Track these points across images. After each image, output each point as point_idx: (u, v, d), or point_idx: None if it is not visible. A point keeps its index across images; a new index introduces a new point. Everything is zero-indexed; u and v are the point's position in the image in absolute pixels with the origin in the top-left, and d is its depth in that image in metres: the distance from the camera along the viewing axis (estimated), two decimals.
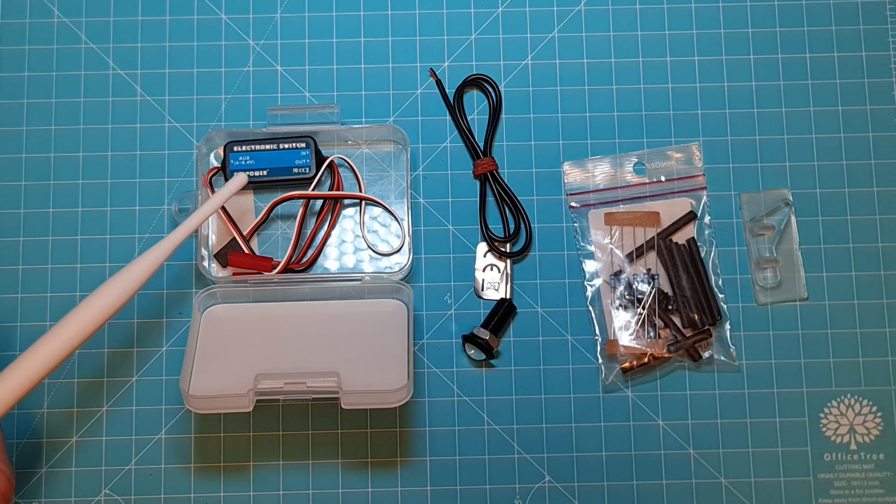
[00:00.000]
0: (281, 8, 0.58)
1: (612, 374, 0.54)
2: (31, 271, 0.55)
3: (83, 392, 0.54)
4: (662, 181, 0.56)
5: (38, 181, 0.56)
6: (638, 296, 0.54)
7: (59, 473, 0.53)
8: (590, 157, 0.57)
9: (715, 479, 0.54)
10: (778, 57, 0.58)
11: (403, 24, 0.58)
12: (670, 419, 0.54)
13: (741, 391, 0.54)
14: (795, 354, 0.55)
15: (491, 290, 0.56)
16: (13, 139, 0.57)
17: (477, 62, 0.58)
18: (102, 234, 0.56)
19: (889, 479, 0.54)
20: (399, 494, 0.54)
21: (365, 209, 0.56)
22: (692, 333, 0.54)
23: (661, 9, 0.58)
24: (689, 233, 0.56)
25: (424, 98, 0.57)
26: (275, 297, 0.54)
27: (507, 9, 0.58)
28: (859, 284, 0.56)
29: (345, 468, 0.54)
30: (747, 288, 0.56)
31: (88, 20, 0.58)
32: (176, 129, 0.57)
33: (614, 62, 0.58)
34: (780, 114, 0.57)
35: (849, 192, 0.56)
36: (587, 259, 0.55)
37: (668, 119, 0.57)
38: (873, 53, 0.58)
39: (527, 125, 0.57)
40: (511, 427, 0.54)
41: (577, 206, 0.56)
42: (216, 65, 0.58)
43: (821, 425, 0.54)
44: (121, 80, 0.57)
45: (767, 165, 0.57)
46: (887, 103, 0.57)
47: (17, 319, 0.55)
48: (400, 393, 0.49)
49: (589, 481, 0.54)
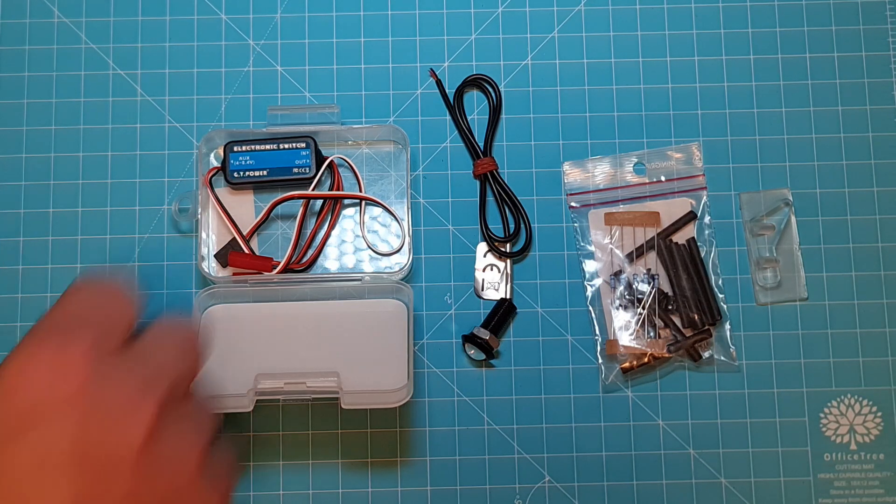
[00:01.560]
0: (281, 8, 0.58)
1: (612, 374, 0.54)
2: (31, 271, 0.55)
3: None
4: (662, 181, 0.56)
5: (38, 181, 0.56)
6: (638, 296, 0.54)
7: None
8: (590, 157, 0.57)
9: (715, 479, 0.54)
10: (778, 57, 0.58)
11: (403, 24, 0.58)
12: (670, 419, 0.54)
13: (741, 391, 0.54)
14: (795, 354, 0.55)
15: (491, 290, 0.56)
16: (13, 139, 0.57)
17: (477, 62, 0.58)
18: (102, 234, 0.56)
19: (889, 479, 0.54)
20: (399, 494, 0.54)
21: (365, 209, 0.56)
22: (692, 333, 0.54)
23: (661, 9, 0.58)
24: (689, 233, 0.56)
25: (424, 98, 0.57)
26: (275, 297, 0.54)
27: (507, 9, 0.58)
28: (859, 284, 0.56)
29: (345, 468, 0.54)
30: (747, 288, 0.56)
31: (88, 20, 0.58)
32: (176, 129, 0.57)
33: (614, 62, 0.58)
34: (780, 114, 0.57)
35: (849, 192, 0.56)
36: (587, 259, 0.55)
37: (668, 119, 0.57)
38: (873, 53, 0.58)
39: (527, 125, 0.57)
40: (511, 427, 0.54)
41: (577, 206, 0.56)
42: (216, 65, 0.58)
43: (821, 425, 0.54)
44: (121, 80, 0.57)
45: (767, 165, 0.57)
46: (887, 103, 0.57)
47: (17, 319, 0.55)
48: (400, 393, 0.49)
49: (589, 481, 0.54)
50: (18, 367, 0.31)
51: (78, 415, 0.30)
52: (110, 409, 0.31)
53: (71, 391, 0.30)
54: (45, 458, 0.30)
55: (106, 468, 0.30)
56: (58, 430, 0.30)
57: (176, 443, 0.33)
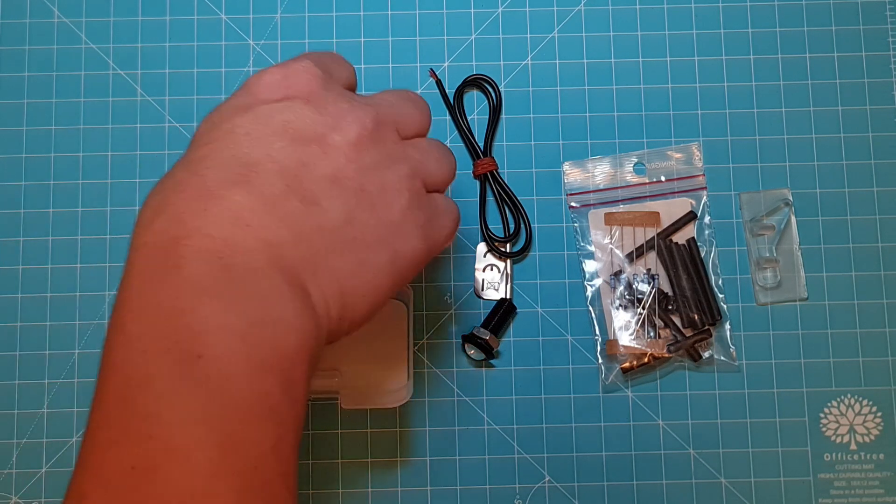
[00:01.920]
0: (281, 8, 0.58)
1: (612, 374, 0.54)
2: (30, 271, 0.55)
3: (83, 392, 0.54)
4: (662, 181, 0.56)
5: (38, 181, 0.56)
6: (638, 296, 0.54)
7: (59, 473, 0.53)
8: (590, 157, 0.57)
9: (715, 479, 0.54)
10: (778, 57, 0.58)
11: (403, 24, 0.58)
12: (670, 419, 0.54)
13: (741, 391, 0.54)
14: (795, 354, 0.55)
15: (491, 290, 0.56)
16: (13, 139, 0.57)
17: (477, 62, 0.58)
18: (102, 234, 0.56)
19: (889, 479, 0.54)
20: (399, 494, 0.54)
21: None
22: (692, 333, 0.54)
23: (661, 9, 0.58)
24: (689, 233, 0.56)
25: (424, 98, 0.57)
26: None
27: (507, 9, 0.58)
28: (859, 284, 0.56)
29: (345, 468, 0.54)
30: (747, 288, 0.56)
31: (88, 20, 0.58)
32: (176, 129, 0.57)
33: (614, 62, 0.58)
34: (780, 114, 0.57)
35: (849, 192, 0.56)
36: (587, 259, 0.55)
37: (668, 119, 0.57)
38: (873, 53, 0.58)
39: (527, 125, 0.57)
40: (511, 427, 0.54)
41: (577, 206, 0.56)
42: (216, 65, 0.58)
43: (821, 425, 0.54)
44: (121, 80, 0.57)
45: (767, 165, 0.57)
46: (887, 103, 0.57)
47: (17, 320, 0.55)
48: (400, 393, 0.49)
49: (589, 481, 0.54)
50: (259, 73, 0.36)
51: (296, 105, 0.34)
52: (328, 110, 0.35)
53: (296, 90, 0.35)
54: (261, 126, 0.34)
55: (315, 147, 0.34)
56: (275, 110, 0.34)
57: (388, 159, 0.36)
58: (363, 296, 0.35)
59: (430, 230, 0.38)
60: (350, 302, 0.34)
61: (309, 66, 0.36)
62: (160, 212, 0.32)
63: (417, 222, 0.37)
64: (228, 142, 0.33)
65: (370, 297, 0.35)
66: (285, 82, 0.35)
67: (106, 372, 0.30)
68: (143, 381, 0.29)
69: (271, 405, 0.30)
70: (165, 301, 0.30)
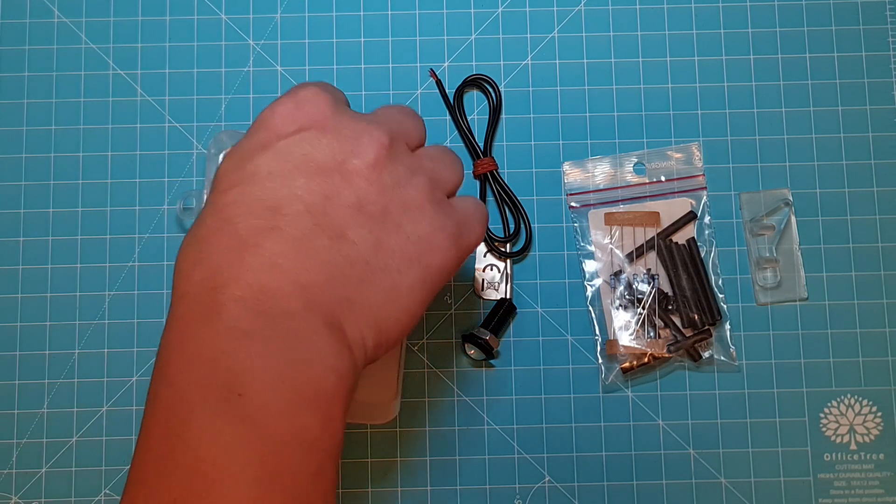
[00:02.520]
0: (281, 8, 0.58)
1: (612, 374, 0.54)
2: (30, 271, 0.55)
3: (83, 392, 0.54)
4: (662, 181, 0.56)
5: (38, 181, 0.56)
6: (638, 296, 0.54)
7: (59, 473, 0.53)
8: (590, 157, 0.57)
9: (715, 479, 0.54)
10: (778, 57, 0.58)
11: (403, 24, 0.58)
12: (670, 419, 0.54)
13: (741, 391, 0.54)
14: (795, 354, 0.55)
15: (491, 290, 0.56)
16: (13, 139, 0.57)
17: (477, 62, 0.58)
18: (102, 234, 0.56)
19: (889, 479, 0.54)
20: (399, 494, 0.54)
21: None
22: (692, 333, 0.54)
23: (661, 9, 0.58)
24: (689, 233, 0.56)
25: (424, 98, 0.57)
26: None
27: (507, 9, 0.58)
28: (859, 284, 0.56)
29: (345, 468, 0.54)
30: (747, 288, 0.56)
31: (88, 20, 0.58)
32: (176, 129, 0.57)
33: (614, 62, 0.58)
34: (780, 114, 0.57)
35: (849, 192, 0.56)
36: (587, 259, 0.55)
37: (668, 119, 0.57)
38: (873, 53, 0.58)
39: (527, 125, 0.57)
40: (511, 427, 0.54)
41: (577, 206, 0.56)
42: (216, 65, 0.58)
43: (821, 425, 0.54)
44: (121, 80, 0.57)
45: (767, 165, 0.57)
46: (887, 103, 0.57)
47: (17, 319, 0.55)
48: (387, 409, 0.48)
49: (589, 481, 0.54)
50: (271, 107, 0.36)
51: (313, 136, 0.35)
52: (343, 134, 0.36)
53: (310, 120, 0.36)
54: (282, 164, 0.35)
55: (336, 176, 0.35)
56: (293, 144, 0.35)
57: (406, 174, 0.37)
58: (397, 320, 0.36)
59: (459, 237, 0.38)
60: (385, 328, 0.35)
61: (317, 92, 0.37)
62: (198, 263, 0.33)
63: (447, 231, 0.37)
64: (253, 184, 0.34)
65: (404, 319, 0.36)
66: (298, 113, 0.36)
67: (150, 409, 0.32)
68: (186, 416, 0.30)
69: (310, 440, 0.31)
70: (206, 344, 0.31)
